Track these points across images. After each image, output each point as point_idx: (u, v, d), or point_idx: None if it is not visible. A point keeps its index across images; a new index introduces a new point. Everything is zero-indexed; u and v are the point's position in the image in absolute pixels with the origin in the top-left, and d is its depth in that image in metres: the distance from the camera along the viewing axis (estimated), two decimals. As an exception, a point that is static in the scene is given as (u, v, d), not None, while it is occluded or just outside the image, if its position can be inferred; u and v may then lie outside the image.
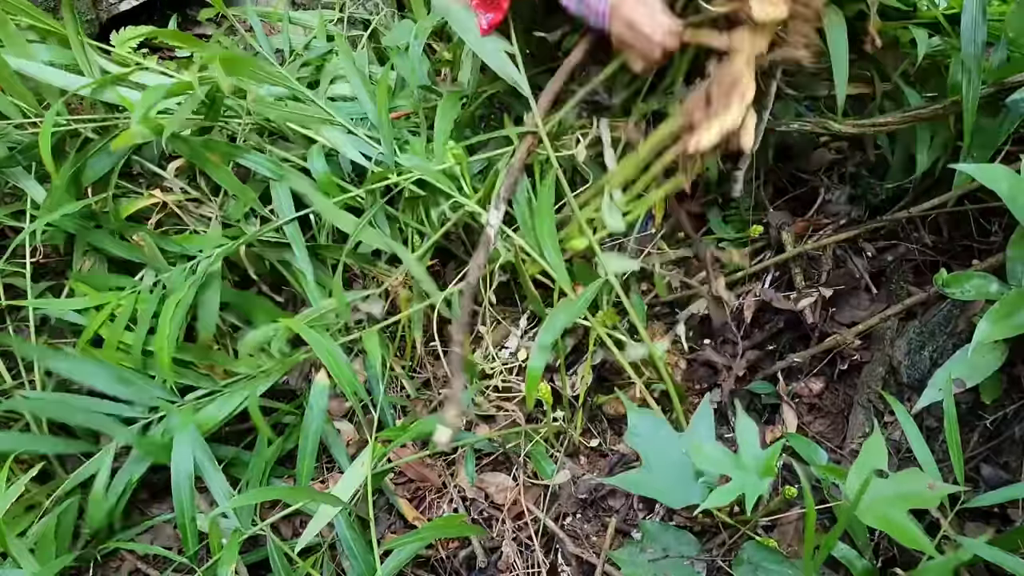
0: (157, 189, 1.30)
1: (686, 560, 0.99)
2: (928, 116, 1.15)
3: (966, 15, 1.01)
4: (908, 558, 0.97)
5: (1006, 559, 0.80)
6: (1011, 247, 0.97)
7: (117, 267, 1.30)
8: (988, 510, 1.00)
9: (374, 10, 1.56)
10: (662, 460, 0.97)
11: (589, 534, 1.14)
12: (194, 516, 1.05)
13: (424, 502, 1.21)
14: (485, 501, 1.20)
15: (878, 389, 1.17)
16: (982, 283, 0.98)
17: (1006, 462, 1.05)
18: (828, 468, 0.94)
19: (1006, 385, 1.05)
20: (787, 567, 0.92)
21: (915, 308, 1.20)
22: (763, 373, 1.28)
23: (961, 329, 1.10)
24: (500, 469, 1.24)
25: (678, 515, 1.14)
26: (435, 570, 1.15)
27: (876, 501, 0.84)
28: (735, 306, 1.32)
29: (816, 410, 1.26)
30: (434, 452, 1.21)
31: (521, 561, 1.13)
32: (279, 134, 1.33)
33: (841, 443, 1.18)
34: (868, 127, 1.19)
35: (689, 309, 1.36)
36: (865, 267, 1.30)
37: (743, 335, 1.32)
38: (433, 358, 1.37)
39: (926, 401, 1.00)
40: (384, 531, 1.19)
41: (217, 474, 1.09)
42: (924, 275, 1.27)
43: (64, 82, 1.20)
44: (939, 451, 1.07)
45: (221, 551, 1.02)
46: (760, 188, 1.40)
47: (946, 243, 1.28)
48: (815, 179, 1.42)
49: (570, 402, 1.22)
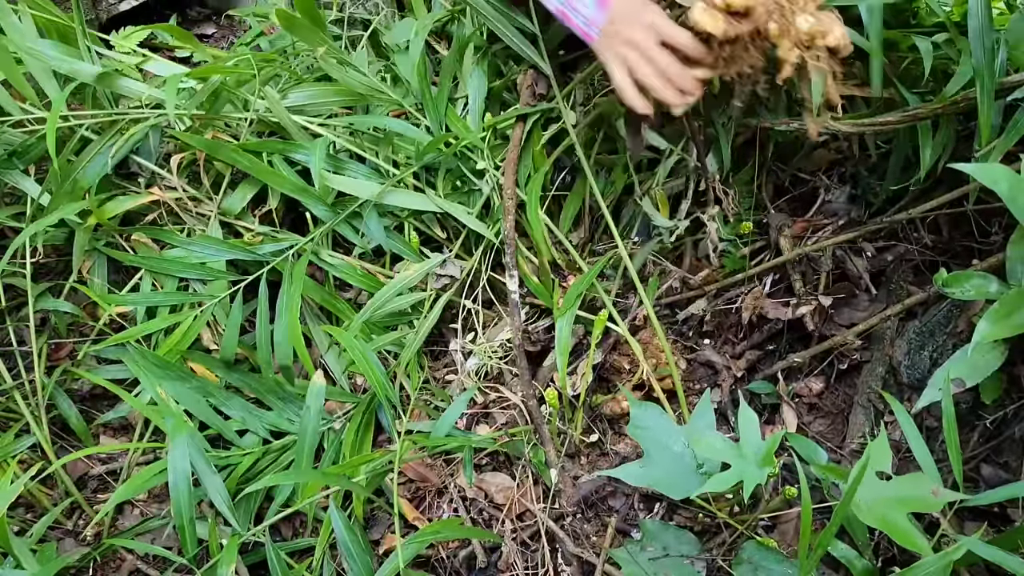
0: (155, 188, 1.30)
1: (686, 559, 0.99)
2: (927, 116, 1.14)
3: (972, 20, 1.01)
4: (908, 558, 0.97)
5: (1006, 559, 0.80)
6: (1011, 247, 0.97)
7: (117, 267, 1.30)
8: (988, 510, 1.00)
9: (374, 10, 1.55)
10: (663, 452, 0.97)
11: (589, 534, 1.14)
12: (192, 518, 1.04)
13: (424, 502, 1.21)
14: (485, 501, 1.20)
15: (878, 389, 1.17)
16: (982, 283, 0.98)
17: (1006, 462, 1.05)
18: (828, 468, 0.94)
19: (1006, 385, 1.05)
20: (787, 567, 0.92)
21: (915, 308, 1.20)
22: (763, 373, 1.28)
23: (961, 329, 1.10)
24: (500, 469, 1.24)
25: (678, 515, 1.15)
26: (435, 570, 1.15)
27: (877, 502, 0.84)
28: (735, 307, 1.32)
29: (816, 410, 1.26)
30: (434, 452, 1.21)
31: (521, 561, 1.13)
32: (281, 133, 1.33)
33: (841, 443, 1.18)
34: (868, 127, 1.19)
35: (689, 309, 1.36)
36: (865, 267, 1.30)
37: (742, 335, 1.33)
38: (431, 358, 1.37)
39: (926, 401, 0.99)
40: (384, 531, 1.19)
41: (215, 477, 1.09)
42: (924, 275, 1.27)
43: (71, 68, 1.20)
44: (939, 451, 1.07)
45: (220, 552, 1.02)
46: (760, 188, 1.41)
47: (946, 243, 1.28)
48: (815, 179, 1.42)
49: (570, 402, 1.22)
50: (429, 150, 1.26)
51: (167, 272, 1.25)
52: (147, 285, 1.27)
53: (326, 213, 1.28)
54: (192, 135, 1.25)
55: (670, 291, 1.37)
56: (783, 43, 0.89)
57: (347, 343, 1.16)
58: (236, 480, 1.15)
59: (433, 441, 1.16)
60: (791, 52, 0.89)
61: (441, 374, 1.35)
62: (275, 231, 1.31)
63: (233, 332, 1.20)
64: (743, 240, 1.38)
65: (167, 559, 1.11)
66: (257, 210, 1.33)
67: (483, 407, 1.29)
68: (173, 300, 1.25)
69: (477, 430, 1.26)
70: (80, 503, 1.20)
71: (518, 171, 1.28)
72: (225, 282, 1.25)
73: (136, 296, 1.25)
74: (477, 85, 1.34)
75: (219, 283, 1.26)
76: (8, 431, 1.20)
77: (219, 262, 1.26)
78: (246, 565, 1.11)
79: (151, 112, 1.27)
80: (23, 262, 1.22)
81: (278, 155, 1.28)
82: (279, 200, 1.30)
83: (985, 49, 1.00)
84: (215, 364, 1.23)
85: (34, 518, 1.18)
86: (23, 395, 1.22)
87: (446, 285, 1.30)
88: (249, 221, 1.32)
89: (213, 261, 1.26)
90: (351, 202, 1.28)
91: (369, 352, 1.16)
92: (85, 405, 1.29)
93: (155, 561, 1.17)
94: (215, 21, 2.07)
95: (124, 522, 1.21)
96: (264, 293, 1.23)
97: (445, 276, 1.29)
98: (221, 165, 1.31)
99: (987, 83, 1.00)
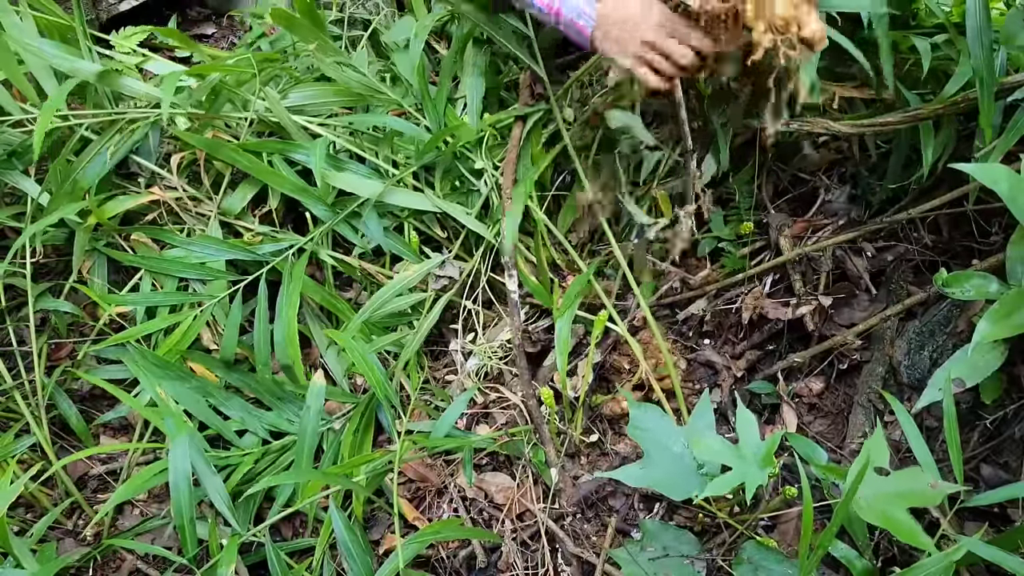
0: (156, 188, 1.30)
1: (686, 559, 0.99)
2: (928, 116, 1.15)
3: (970, 19, 1.01)
4: (908, 558, 0.97)
5: (1006, 558, 0.80)
6: (1011, 247, 0.98)
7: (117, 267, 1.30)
8: (988, 510, 1.00)
9: (374, 10, 1.55)
10: (663, 453, 0.97)
11: (589, 534, 1.14)
12: (192, 518, 1.04)
13: (424, 502, 1.21)
14: (485, 501, 1.20)
15: (878, 389, 1.17)
16: (982, 283, 0.98)
17: (1006, 462, 1.05)
18: (828, 468, 0.94)
19: (1006, 385, 1.05)
20: (787, 567, 0.92)
21: (915, 308, 1.21)
22: (763, 373, 1.28)
23: (961, 329, 1.10)
24: (500, 469, 1.24)
25: (678, 515, 1.14)
26: (435, 570, 1.15)
27: (877, 499, 0.84)
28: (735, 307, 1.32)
29: (816, 410, 1.26)
30: (434, 452, 1.21)
31: (521, 561, 1.13)
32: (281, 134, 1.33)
33: (841, 443, 1.18)
34: (868, 127, 1.20)
35: (689, 309, 1.36)
36: (865, 267, 1.30)
37: (742, 335, 1.33)
38: (432, 359, 1.37)
39: (926, 401, 1.00)
40: (384, 531, 1.19)
41: (214, 477, 1.09)
42: (924, 275, 1.27)
43: (71, 67, 1.20)
44: (939, 451, 1.07)
45: (220, 552, 1.02)
46: (760, 188, 1.41)
47: (946, 243, 1.28)
48: (815, 179, 1.42)
49: (570, 402, 1.22)
50: (428, 149, 1.26)
51: (166, 272, 1.25)
52: (147, 285, 1.27)
53: (326, 213, 1.28)
54: (192, 134, 1.25)
55: (670, 291, 1.37)
56: (758, 25, 0.93)
57: (346, 344, 1.16)
58: (236, 481, 1.15)
59: (433, 441, 1.16)
60: (764, 35, 0.93)
61: (441, 374, 1.35)
62: (275, 231, 1.31)
63: (232, 332, 1.20)
64: (743, 240, 1.38)
65: (167, 559, 1.11)
66: (257, 210, 1.34)
67: (483, 407, 1.29)
68: (172, 300, 1.25)
69: (477, 430, 1.26)
70: (80, 503, 1.20)
71: (517, 171, 1.28)
72: (224, 282, 1.25)
73: (135, 296, 1.25)
74: (475, 84, 1.34)
75: (218, 283, 1.26)
76: (8, 431, 1.20)
77: (219, 262, 1.26)
78: (246, 565, 1.11)
79: (150, 111, 1.27)
80: (23, 262, 1.22)
81: (278, 155, 1.29)
82: (279, 200, 1.30)
83: (984, 48, 1.00)
84: (215, 364, 1.23)
85: (34, 518, 1.18)
86: (23, 395, 1.22)
87: (445, 286, 1.30)
88: (249, 221, 1.32)
89: (212, 261, 1.26)
90: (351, 202, 1.28)
91: (369, 353, 1.16)
92: (85, 405, 1.29)
93: (155, 561, 1.17)
94: (215, 21, 2.07)
95: (124, 522, 1.21)
96: (263, 293, 1.23)
97: (444, 277, 1.29)
98: (221, 165, 1.31)
99: (987, 81, 1.01)
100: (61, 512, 1.19)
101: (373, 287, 1.30)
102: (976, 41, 1.01)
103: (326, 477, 1.11)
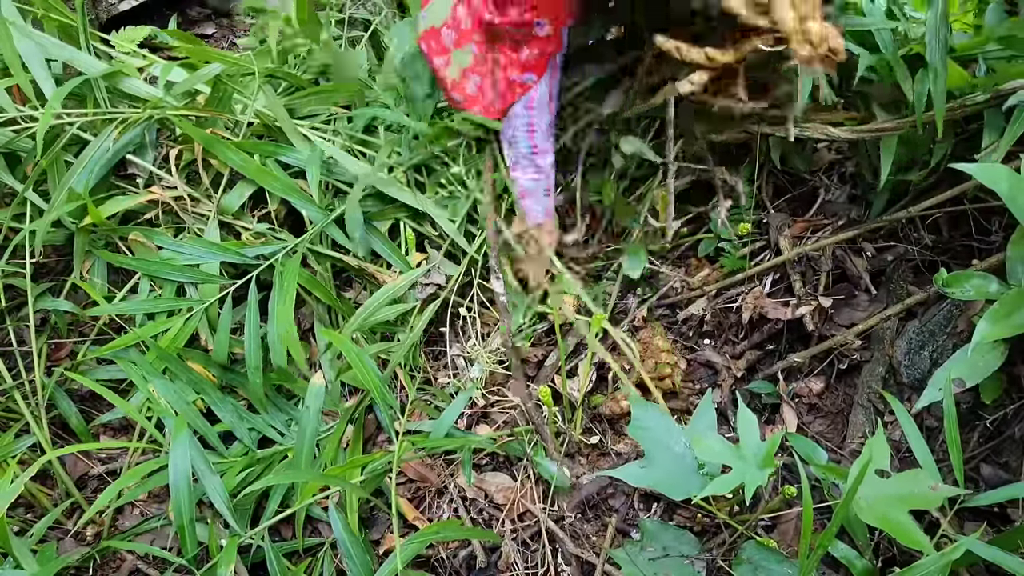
0: (154, 187, 1.30)
1: (686, 559, 0.99)
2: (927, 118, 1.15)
3: (931, 11, 1.03)
4: (908, 558, 0.97)
5: (1005, 559, 0.80)
6: (1011, 247, 0.97)
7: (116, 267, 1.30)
8: (988, 510, 1.00)
9: (374, 10, 1.55)
10: (664, 453, 0.97)
11: (589, 534, 1.14)
12: (192, 518, 1.04)
13: (424, 502, 1.21)
14: (485, 501, 1.20)
15: (878, 389, 1.17)
16: (982, 283, 0.98)
17: (1006, 462, 1.05)
18: (828, 468, 0.94)
19: (1006, 385, 1.05)
20: (787, 567, 0.92)
21: (915, 308, 1.20)
22: (763, 373, 1.28)
23: (961, 329, 1.10)
24: (500, 469, 1.24)
25: (678, 515, 1.14)
26: (435, 570, 1.15)
27: (877, 500, 0.84)
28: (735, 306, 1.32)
29: (816, 410, 1.26)
30: (434, 452, 1.21)
31: (521, 561, 1.13)
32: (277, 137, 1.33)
33: (841, 443, 1.18)
34: (865, 132, 1.20)
35: (689, 309, 1.36)
36: (865, 267, 1.30)
37: (743, 335, 1.32)
38: (432, 359, 1.37)
39: (926, 401, 1.00)
40: (384, 531, 1.19)
41: (214, 477, 1.09)
42: (924, 275, 1.27)
43: (82, 66, 1.20)
44: (939, 451, 1.07)
45: (220, 553, 1.02)
46: (760, 188, 1.40)
47: (946, 243, 1.28)
48: (815, 179, 1.42)
49: (570, 402, 1.22)
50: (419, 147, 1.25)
51: (159, 275, 1.25)
52: (146, 286, 1.27)
53: (318, 214, 1.27)
54: (189, 123, 1.24)
55: (671, 291, 1.37)
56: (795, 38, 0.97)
57: (344, 346, 1.15)
58: (234, 481, 1.15)
59: (432, 441, 1.16)
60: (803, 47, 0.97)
61: (441, 375, 1.35)
62: (273, 231, 1.31)
63: (224, 336, 1.20)
64: (743, 240, 1.38)
65: (167, 559, 1.11)
66: (256, 210, 1.33)
67: (483, 408, 1.29)
68: (164, 306, 1.24)
69: (477, 430, 1.26)
70: (80, 503, 1.20)
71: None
72: (216, 286, 1.25)
73: (128, 304, 1.24)
74: None
75: (210, 286, 1.25)
76: (8, 431, 1.20)
77: (212, 264, 1.26)
78: (245, 565, 1.11)
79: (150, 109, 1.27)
80: (23, 262, 1.22)
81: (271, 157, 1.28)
82: (278, 201, 1.30)
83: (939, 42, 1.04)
84: (213, 364, 1.23)
85: (34, 518, 1.18)
86: (23, 395, 1.22)
87: (432, 294, 1.29)
88: (248, 221, 1.31)
89: (206, 264, 1.26)
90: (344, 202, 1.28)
91: (365, 357, 1.16)
92: (85, 405, 1.29)
93: (155, 561, 1.17)
94: (215, 21, 2.07)
95: (124, 522, 1.21)
96: (254, 297, 1.22)
97: (431, 285, 1.28)
98: (219, 164, 1.31)
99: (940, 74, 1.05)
100: (61, 512, 1.18)
101: (373, 287, 1.30)
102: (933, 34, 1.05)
103: (325, 478, 1.11)
